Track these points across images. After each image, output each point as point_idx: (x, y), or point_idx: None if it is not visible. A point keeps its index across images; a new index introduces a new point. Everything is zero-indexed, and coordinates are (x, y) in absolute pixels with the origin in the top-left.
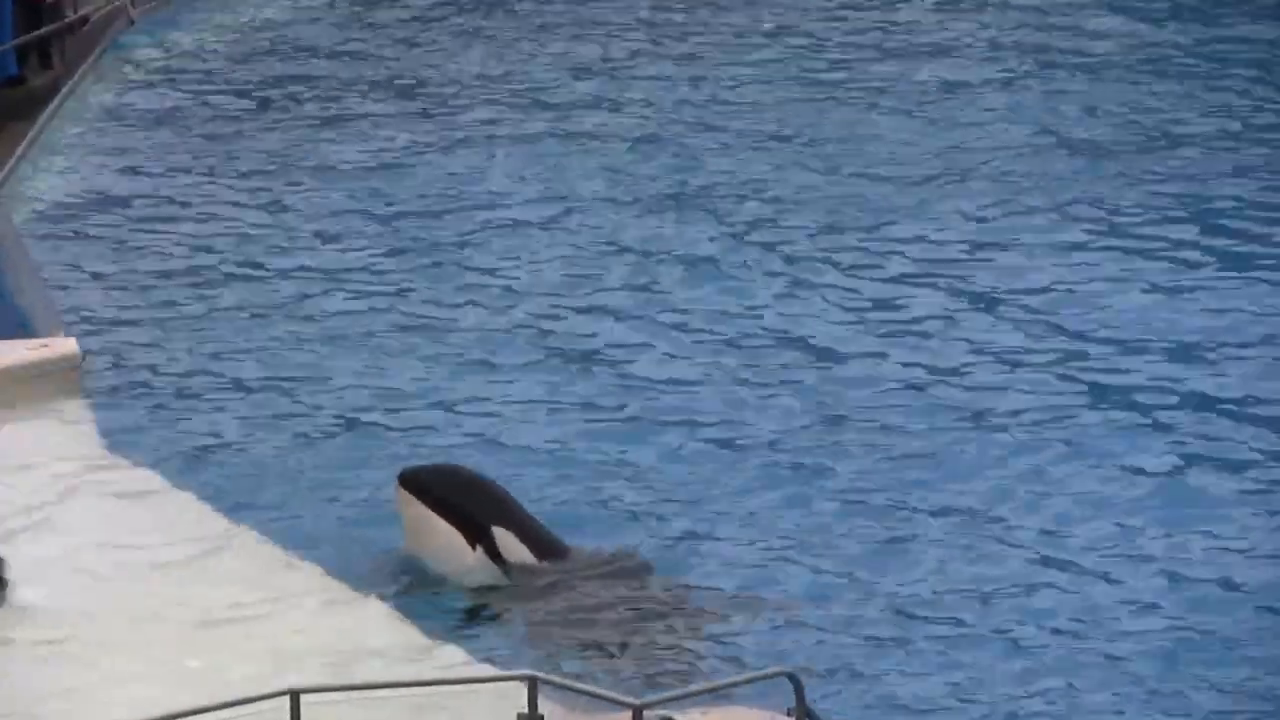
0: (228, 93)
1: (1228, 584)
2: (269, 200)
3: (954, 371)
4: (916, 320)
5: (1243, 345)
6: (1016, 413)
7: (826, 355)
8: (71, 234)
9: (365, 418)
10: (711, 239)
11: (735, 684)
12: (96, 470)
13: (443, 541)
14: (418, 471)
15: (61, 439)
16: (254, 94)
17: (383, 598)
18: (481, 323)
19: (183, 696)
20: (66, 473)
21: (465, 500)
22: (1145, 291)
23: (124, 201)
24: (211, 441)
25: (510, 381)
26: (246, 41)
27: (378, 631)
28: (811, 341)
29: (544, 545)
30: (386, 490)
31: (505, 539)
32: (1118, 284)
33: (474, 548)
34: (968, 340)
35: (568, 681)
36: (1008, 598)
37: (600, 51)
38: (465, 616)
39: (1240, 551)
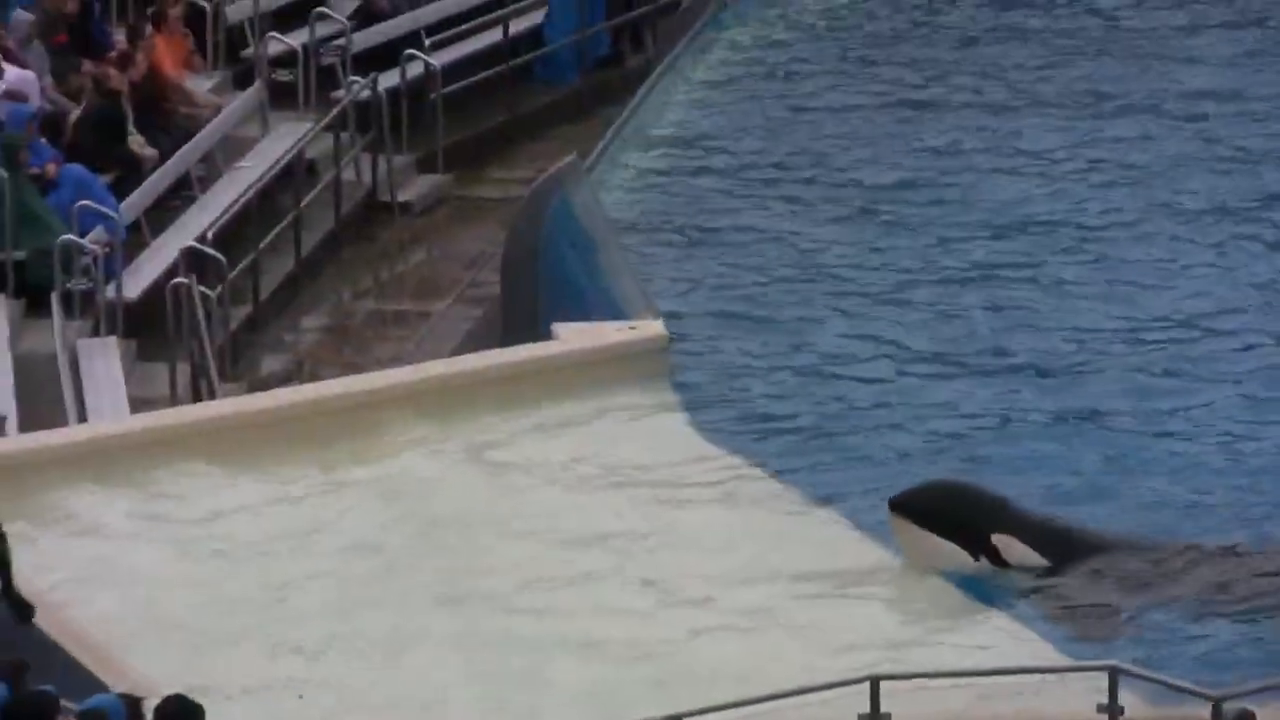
0: (822, 78)
1: None
2: (870, 190)
3: None
4: None
5: None
6: None
7: None
8: (661, 215)
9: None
10: None
11: None
12: (678, 453)
13: (945, 558)
14: (907, 495)
15: (649, 422)
16: (853, 78)
17: (957, 584)
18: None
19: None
20: (650, 456)
21: (959, 514)
22: None
23: (715, 184)
24: (794, 427)
25: None
26: (843, 24)
27: (948, 617)
28: None
29: (1056, 542)
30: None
31: (1007, 544)
32: None
33: (977, 559)
34: None
35: (1147, 672)
36: None
37: None
38: (1025, 604)
39: None
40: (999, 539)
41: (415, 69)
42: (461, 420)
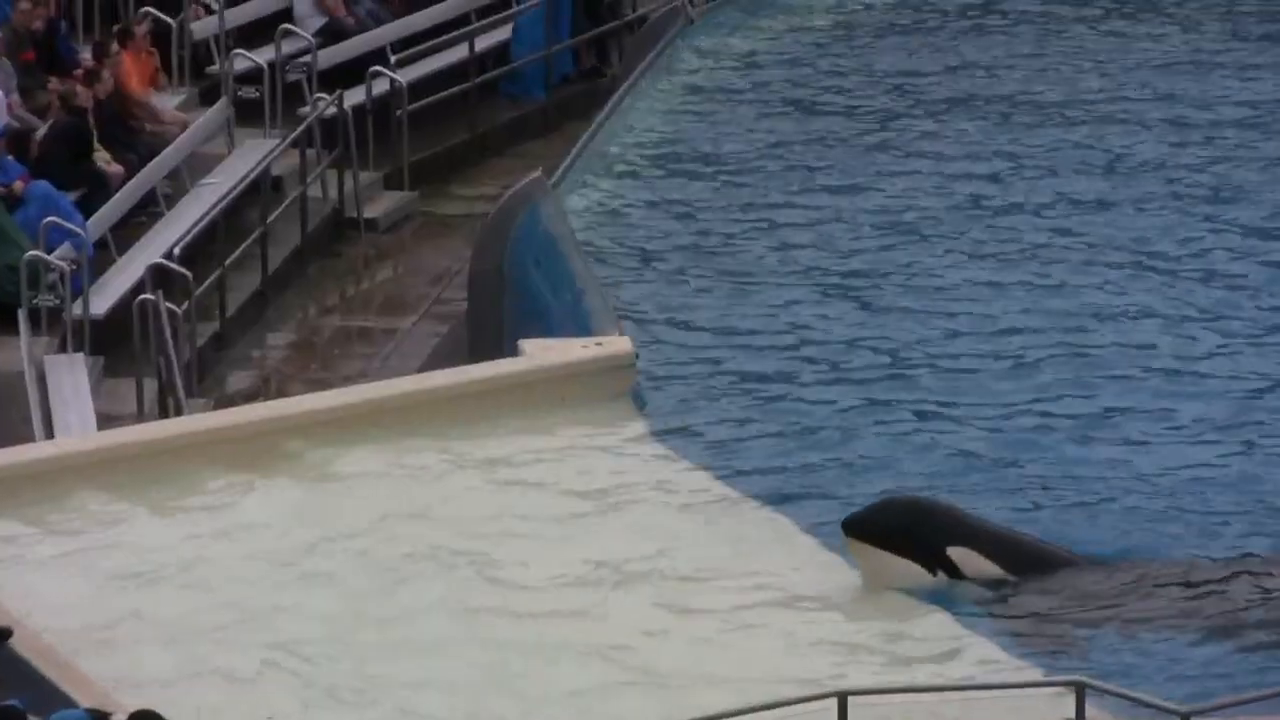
0: (790, 94)
1: None
2: (827, 204)
3: None
4: None
5: None
6: None
7: None
8: (627, 231)
9: (908, 423)
10: None
11: None
12: (645, 468)
13: (902, 576)
14: (858, 517)
15: (616, 437)
16: (817, 96)
17: (923, 599)
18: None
19: (723, 692)
20: (617, 471)
21: (911, 530)
22: None
23: (680, 200)
24: (760, 440)
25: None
26: (811, 42)
27: (915, 632)
28: None
29: (1015, 554)
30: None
31: (964, 557)
32: None
33: (934, 573)
34: None
35: (1114, 687)
36: None
37: None
38: (991, 618)
39: None
40: (955, 552)
41: (381, 85)
42: (428, 436)
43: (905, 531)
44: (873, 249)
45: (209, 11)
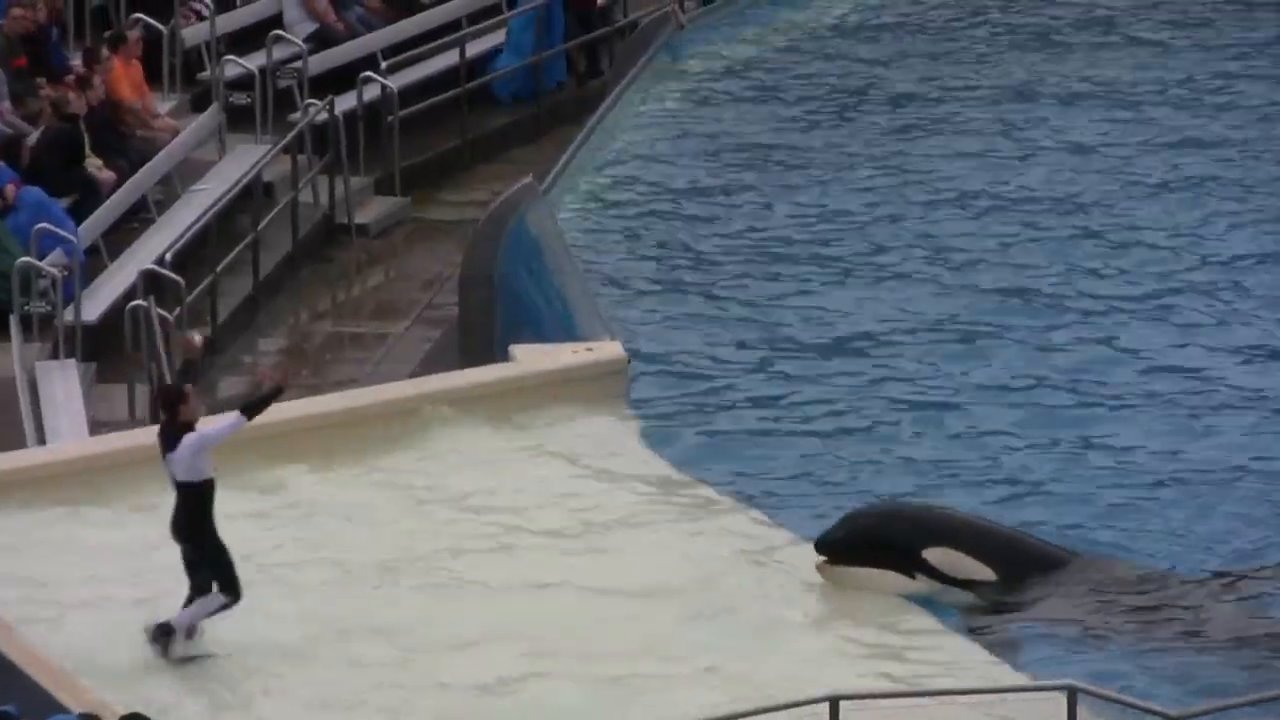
0: (778, 99)
1: None
2: (819, 208)
3: None
4: None
5: None
6: None
7: None
8: (618, 237)
9: (894, 431)
10: None
11: None
12: (636, 472)
13: (882, 586)
14: (825, 537)
15: (607, 443)
16: (804, 101)
17: (914, 602)
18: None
19: (716, 697)
20: (608, 476)
21: (880, 541)
22: None
23: (670, 206)
24: (751, 446)
25: None
26: (800, 47)
27: (907, 636)
28: None
29: (999, 550)
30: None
31: (944, 557)
32: None
33: (913, 577)
34: None
35: (1106, 692)
36: None
37: None
38: (982, 622)
39: None
40: (932, 553)
41: (372, 91)
42: (420, 441)
43: (874, 543)
44: (868, 252)
45: (200, 18)
